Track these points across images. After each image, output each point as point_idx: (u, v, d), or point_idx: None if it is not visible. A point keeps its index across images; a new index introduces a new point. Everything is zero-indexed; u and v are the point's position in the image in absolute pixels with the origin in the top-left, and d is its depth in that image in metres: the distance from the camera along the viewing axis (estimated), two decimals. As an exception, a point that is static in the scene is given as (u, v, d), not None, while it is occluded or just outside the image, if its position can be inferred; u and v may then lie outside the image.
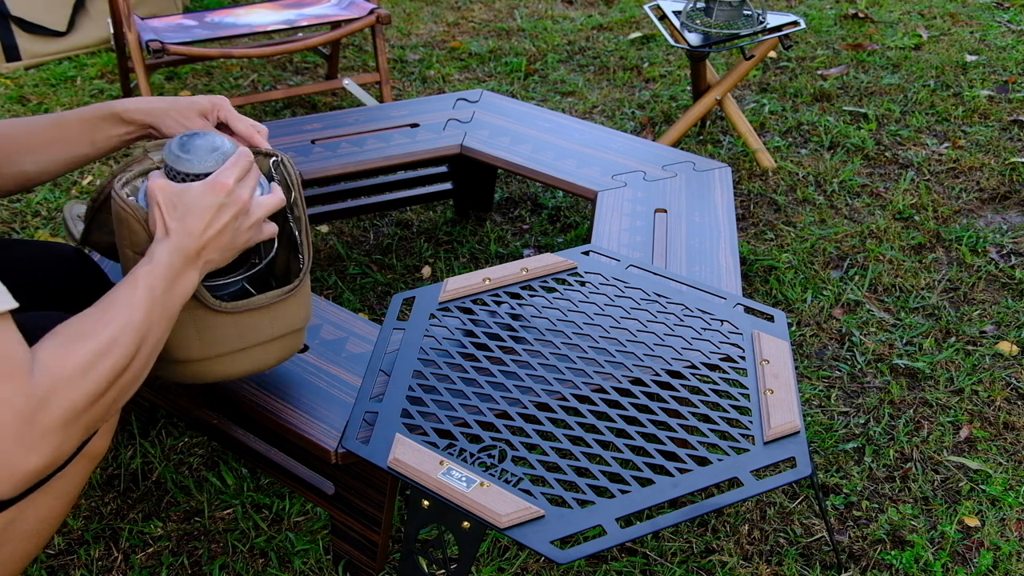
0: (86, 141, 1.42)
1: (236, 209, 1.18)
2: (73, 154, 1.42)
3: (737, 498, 1.20)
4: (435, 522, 1.24)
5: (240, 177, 1.19)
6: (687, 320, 1.55)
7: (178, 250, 1.14)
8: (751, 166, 2.73)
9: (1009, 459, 1.76)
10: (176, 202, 1.16)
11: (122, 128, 1.42)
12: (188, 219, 1.15)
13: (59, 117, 1.41)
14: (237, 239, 1.20)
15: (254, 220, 1.21)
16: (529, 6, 4.12)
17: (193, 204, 1.16)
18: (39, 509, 1.14)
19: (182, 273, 1.15)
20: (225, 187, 1.17)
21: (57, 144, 1.41)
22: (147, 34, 2.77)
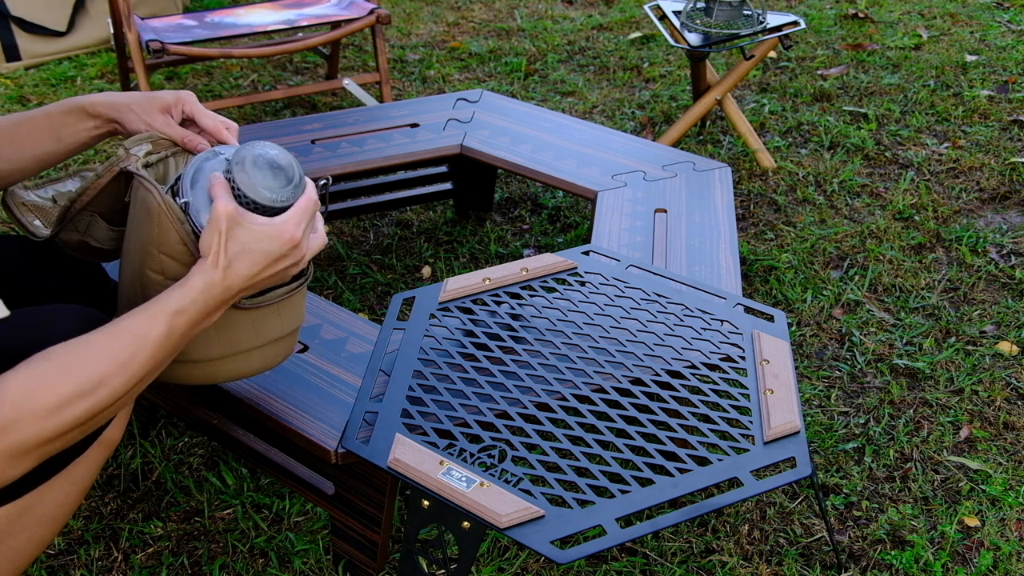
0: (52, 137, 1.37)
1: (292, 261, 1.14)
2: (41, 151, 1.37)
3: (737, 498, 1.20)
4: (435, 522, 1.24)
5: (307, 225, 1.14)
6: (687, 320, 1.55)
7: (219, 288, 1.10)
8: (751, 166, 2.73)
9: (1009, 459, 1.76)
10: (240, 236, 1.10)
11: (88, 122, 1.37)
12: (244, 259, 1.10)
13: (26, 114, 1.37)
14: (275, 281, 1.17)
15: (300, 268, 1.18)
16: (529, 6, 4.12)
17: (254, 246, 1.10)
18: (56, 495, 1.15)
19: (210, 314, 1.11)
20: (293, 239, 1.12)
21: (25, 141, 1.36)
22: (147, 34, 2.78)
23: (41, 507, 1.13)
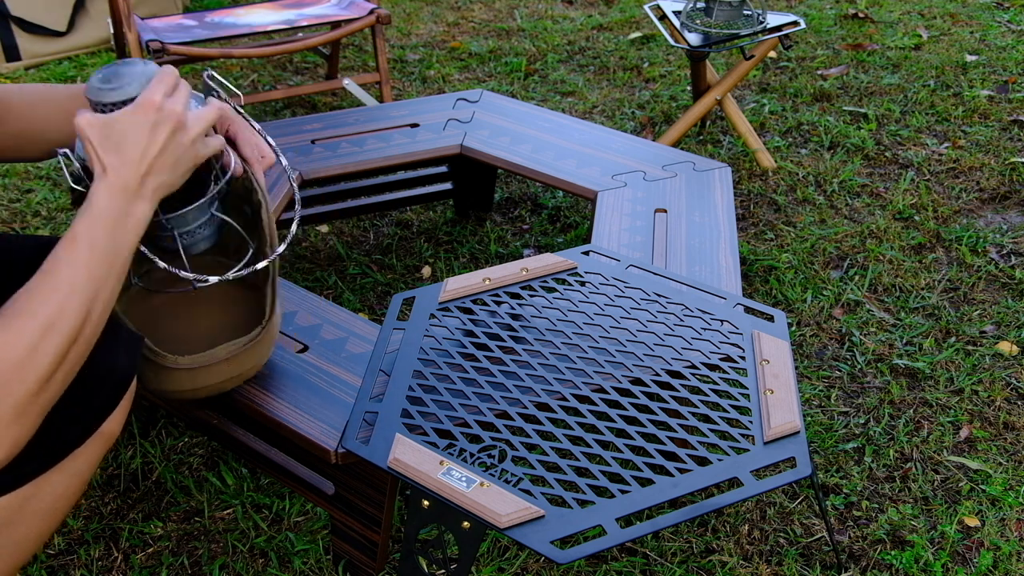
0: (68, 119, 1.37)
1: (172, 124, 1.11)
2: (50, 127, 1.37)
3: (737, 498, 1.20)
4: (435, 522, 1.24)
5: (168, 92, 1.13)
6: (687, 320, 1.55)
7: (119, 186, 1.08)
8: (751, 166, 2.73)
9: (1009, 459, 1.76)
10: (107, 133, 1.09)
11: None
12: (124, 147, 1.09)
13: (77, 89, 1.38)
14: (182, 158, 1.13)
15: (194, 134, 1.14)
16: (529, 6, 4.12)
17: (125, 130, 1.09)
18: (55, 487, 1.15)
19: (128, 211, 1.09)
20: (153, 104, 1.10)
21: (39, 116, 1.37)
22: (147, 34, 2.78)
23: (39, 499, 1.13)
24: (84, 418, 1.16)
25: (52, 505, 1.16)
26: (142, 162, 1.09)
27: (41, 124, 1.38)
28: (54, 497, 1.15)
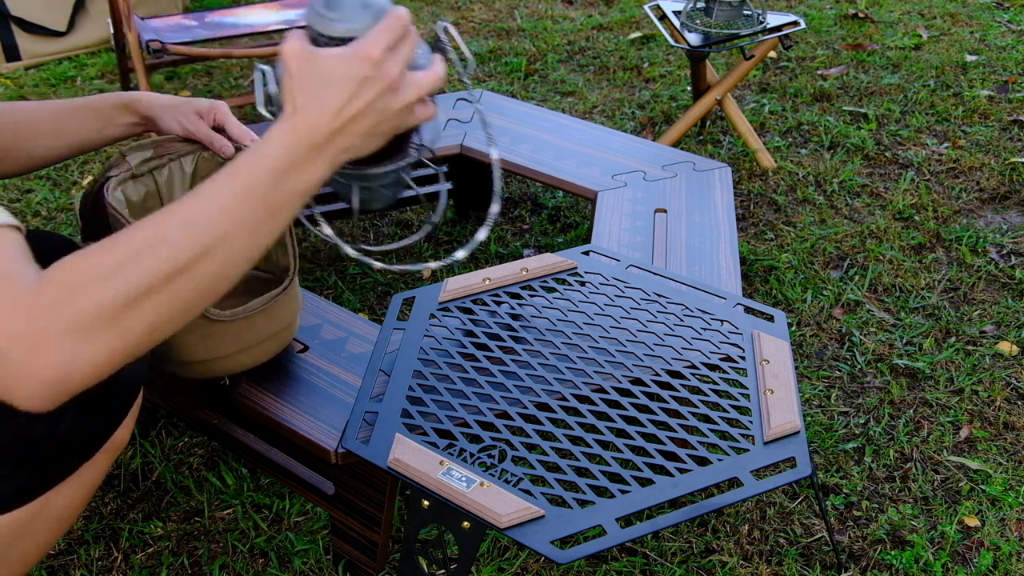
0: (94, 128, 1.43)
1: (383, 85, 0.94)
2: (80, 140, 1.43)
3: (737, 498, 1.20)
4: (435, 522, 1.24)
5: (391, 45, 0.94)
6: (687, 320, 1.55)
7: (306, 131, 0.93)
8: (751, 166, 2.73)
9: (1009, 459, 1.76)
10: (312, 70, 0.93)
11: (129, 118, 1.44)
12: (323, 94, 0.93)
13: (69, 104, 1.43)
14: (382, 124, 0.96)
15: (404, 102, 0.97)
16: (529, 6, 4.12)
17: (330, 75, 0.93)
18: (64, 499, 1.15)
19: (304, 162, 0.93)
20: (370, 58, 0.93)
21: (66, 131, 1.42)
22: (147, 34, 2.77)
23: (50, 511, 1.14)
24: (95, 429, 1.17)
25: (61, 516, 1.16)
26: (338, 116, 0.93)
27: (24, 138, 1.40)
28: (63, 508, 1.16)
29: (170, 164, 1.45)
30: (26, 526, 1.11)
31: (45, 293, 0.83)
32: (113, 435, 1.19)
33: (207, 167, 1.47)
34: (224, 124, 1.44)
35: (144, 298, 0.86)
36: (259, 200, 0.91)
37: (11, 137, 1.40)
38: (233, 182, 0.91)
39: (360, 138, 0.95)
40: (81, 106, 1.43)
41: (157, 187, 1.45)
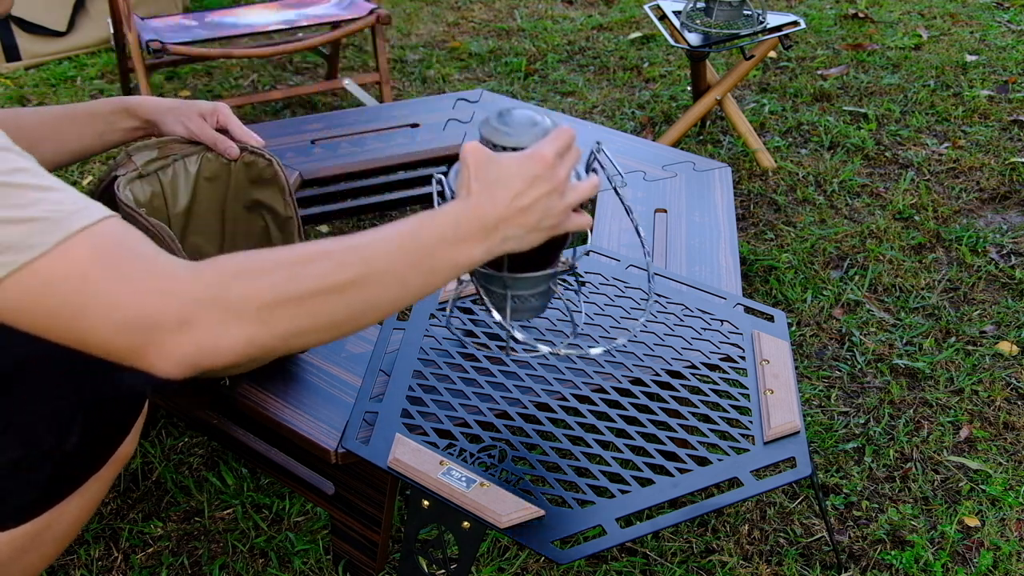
0: (94, 133, 1.43)
1: (551, 186, 1.03)
2: (81, 146, 1.43)
3: (737, 498, 1.20)
4: (435, 522, 1.24)
5: (561, 152, 1.05)
6: (687, 320, 1.55)
7: (474, 212, 1.00)
8: (751, 166, 2.73)
9: (1009, 459, 1.76)
10: (490, 166, 1.03)
11: (130, 123, 1.44)
12: (498, 185, 1.01)
13: (68, 109, 1.43)
14: (544, 220, 1.04)
15: (567, 204, 1.05)
16: (529, 6, 4.12)
17: (506, 170, 1.02)
18: (69, 512, 1.16)
19: (468, 239, 0.99)
20: (544, 159, 1.03)
21: (66, 135, 1.42)
22: (147, 34, 2.77)
23: (57, 525, 1.14)
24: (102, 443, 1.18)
25: (66, 529, 1.17)
26: (509, 206, 1.02)
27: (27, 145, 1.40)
28: (69, 523, 1.17)
29: (175, 164, 1.46)
30: (33, 539, 1.12)
31: (204, 273, 0.87)
32: (119, 448, 1.20)
33: (211, 168, 1.48)
34: (227, 125, 1.45)
35: (296, 302, 0.90)
36: (419, 257, 0.97)
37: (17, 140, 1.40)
38: (402, 233, 0.97)
39: (523, 230, 1.03)
40: (82, 112, 1.43)
41: (162, 187, 1.46)
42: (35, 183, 0.85)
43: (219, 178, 1.49)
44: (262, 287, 0.89)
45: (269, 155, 1.47)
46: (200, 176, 1.48)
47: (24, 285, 0.83)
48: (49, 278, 0.83)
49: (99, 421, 1.15)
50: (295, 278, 0.90)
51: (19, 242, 0.82)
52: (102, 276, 0.84)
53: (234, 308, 0.87)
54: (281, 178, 1.47)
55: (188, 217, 1.49)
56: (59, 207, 0.84)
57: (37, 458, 1.09)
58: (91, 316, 0.85)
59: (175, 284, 0.86)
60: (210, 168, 1.48)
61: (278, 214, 1.50)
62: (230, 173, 1.49)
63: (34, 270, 0.83)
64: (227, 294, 0.87)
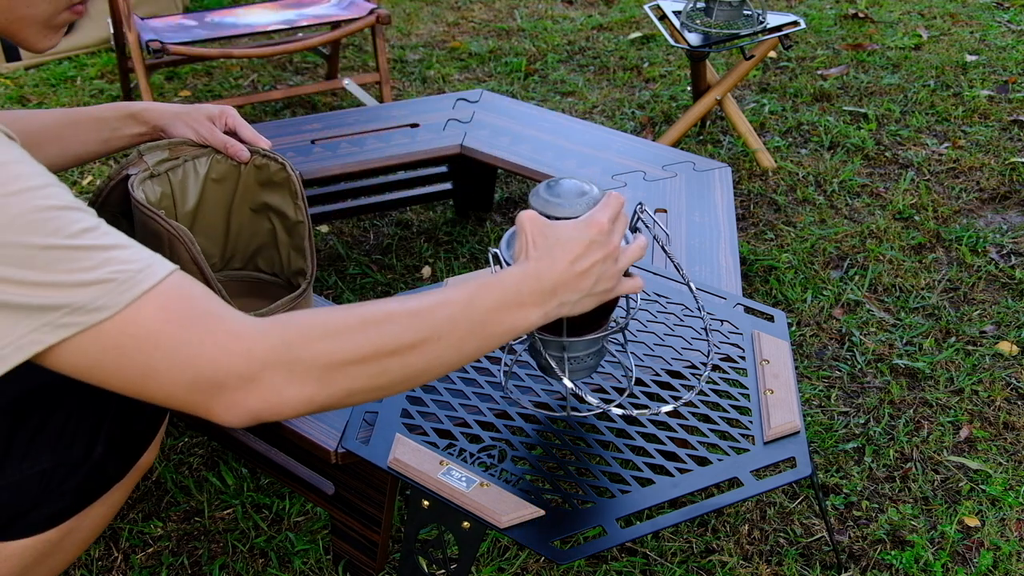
0: (99, 139, 1.43)
1: (606, 251, 1.07)
2: (84, 151, 1.42)
3: (737, 498, 1.20)
4: (435, 522, 1.24)
5: (613, 218, 1.09)
6: (687, 320, 1.55)
7: (534, 277, 1.04)
8: (751, 166, 2.73)
9: (1009, 459, 1.76)
10: (546, 232, 1.07)
11: (136, 128, 1.44)
12: (556, 250, 1.05)
13: (72, 113, 1.42)
14: (599, 284, 1.08)
15: (620, 268, 1.10)
16: (529, 6, 4.12)
17: (563, 237, 1.06)
18: (94, 519, 1.18)
19: (524, 304, 1.03)
20: (600, 225, 1.07)
21: (69, 140, 1.41)
22: (147, 34, 2.78)
23: (79, 531, 1.16)
24: (126, 453, 1.19)
25: (87, 536, 1.19)
26: (566, 270, 1.05)
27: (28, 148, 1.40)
28: (91, 529, 1.18)
29: (185, 165, 1.46)
30: (56, 545, 1.13)
31: (270, 333, 0.90)
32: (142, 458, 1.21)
33: (220, 169, 1.48)
34: (236, 128, 1.45)
35: (357, 364, 0.94)
36: (479, 323, 1.00)
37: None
38: (463, 299, 1.00)
39: (578, 295, 1.06)
40: (86, 117, 1.43)
41: (171, 187, 1.46)
42: (101, 243, 0.86)
43: (227, 180, 1.49)
44: (327, 349, 0.92)
45: (282, 159, 1.47)
46: (209, 178, 1.48)
47: (92, 345, 0.85)
48: (118, 339, 0.85)
49: (124, 432, 1.17)
50: (358, 342, 0.93)
51: (87, 303, 0.83)
52: (172, 337, 0.86)
53: (299, 369, 0.90)
54: (293, 182, 1.46)
55: (194, 218, 1.50)
56: (125, 267, 0.85)
57: (66, 469, 1.11)
58: (161, 376, 0.87)
59: (242, 343, 0.88)
60: (219, 169, 1.48)
61: (287, 218, 1.50)
62: (239, 175, 1.49)
63: (102, 331, 0.84)
64: (292, 355, 0.90)
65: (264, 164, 1.48)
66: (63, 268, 0.83)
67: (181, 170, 1.46)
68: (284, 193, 1.49)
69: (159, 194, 1.45)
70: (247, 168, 1.48)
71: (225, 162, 1.48)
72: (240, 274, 1.59)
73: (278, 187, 1.48)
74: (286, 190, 1.48)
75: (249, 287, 1.59)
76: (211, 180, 1.48)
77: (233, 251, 1.56)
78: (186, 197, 1.48)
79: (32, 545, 1.10)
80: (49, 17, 0.98)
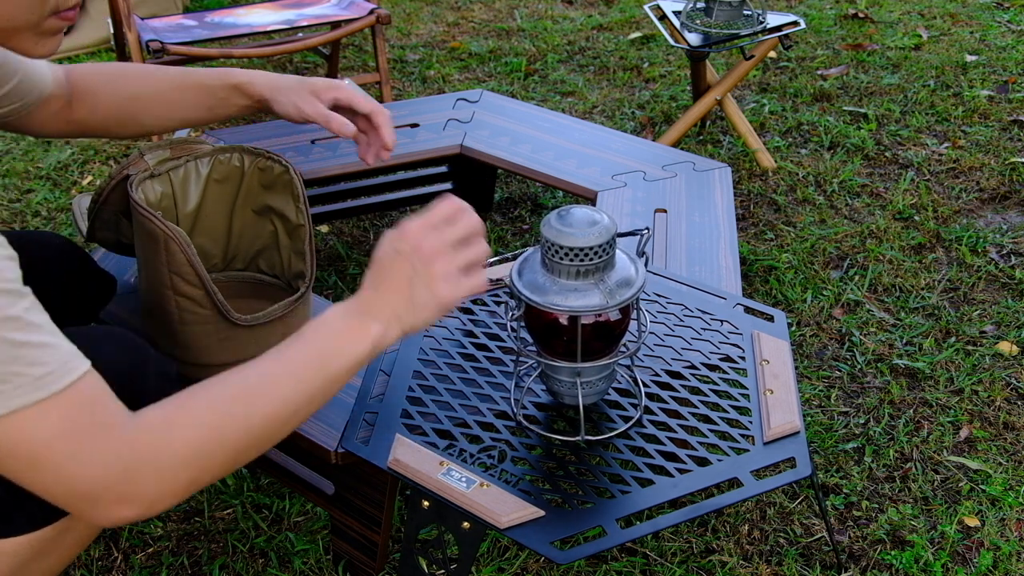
0: (204, 106, 1.46)
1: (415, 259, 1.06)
2: (187, 117, 1.47)
3: (737, 498, 1.20)
4: (435, 522, 1.24)
5: (429, 223, 1.08)
6: (687, 320, 1.55)
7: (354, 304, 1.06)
8: (751, 166, 2.73)
9: (1009, 459, 1.76)
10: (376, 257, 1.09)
11: (242, 100, 1.46)
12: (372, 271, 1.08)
13: (177, 78, 1.46)
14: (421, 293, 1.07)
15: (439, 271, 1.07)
16: (529, 6, 4.12)
17: (375, 256, 1.08)
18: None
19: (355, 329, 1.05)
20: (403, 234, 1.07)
21: (177, 106, 1.46)
22: (147, 34, 2.78)
23: (74, 531, 1.14)
24: None
25: (85, 533, 1.17)
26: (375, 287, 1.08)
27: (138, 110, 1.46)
28: (88, 528, 1.16)
29: (187, 164, 1.46)
30: (52, 542, 1.12)
31: (138, 442, 0.92)
32: None
33: (222, 170, 1.48)
34: (351, 102, 1.43)
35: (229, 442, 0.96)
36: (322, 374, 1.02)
37: (127, 106, 1.45)
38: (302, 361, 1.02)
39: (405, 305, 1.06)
40: (193, 83, 1.45)
41: (172, 187, 1.46)
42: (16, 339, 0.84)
43: (230, 181, 1.49)
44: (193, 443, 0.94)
45: (285, 161, 1.46)
46: (211, 178, 1.48)
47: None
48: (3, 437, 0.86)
49: None
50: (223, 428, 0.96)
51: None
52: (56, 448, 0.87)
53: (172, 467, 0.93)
54: (295, 185, 1.46)
55: (196, 218, 1.50)
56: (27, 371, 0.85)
57: None
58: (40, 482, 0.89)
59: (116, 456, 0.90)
60: (221, 170, 1.48)
61: (289, 220, 1.50)
62: (242, 176, 1.49)
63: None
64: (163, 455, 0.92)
65: (268, 166, 1.48)
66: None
67: (183, 170, 1.46)
68: (286, 196, 1.48)
69: (159, 194, 1.45)
70: (250, 169, 1.48)
71: (228, 162, 1.48)
72: (241, 275, 1.59)
73: (281, 189, 1.48)
74: (288, 193, 1.48)
75: (250, 288, 1.59)
76: (213, 180, 1.48)
77: (235, 252, 1.56)
78: (187, 197, 1.48)
79: (26, 543, 1.09)
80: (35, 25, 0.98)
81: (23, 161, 2.87)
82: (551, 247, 1.18)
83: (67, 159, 2.87)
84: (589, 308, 1.17)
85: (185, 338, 1.39)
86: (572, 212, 1.18)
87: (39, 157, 2.89)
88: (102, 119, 1.45)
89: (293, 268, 1.54)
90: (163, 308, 1.37)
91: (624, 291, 1.19)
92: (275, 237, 1.53)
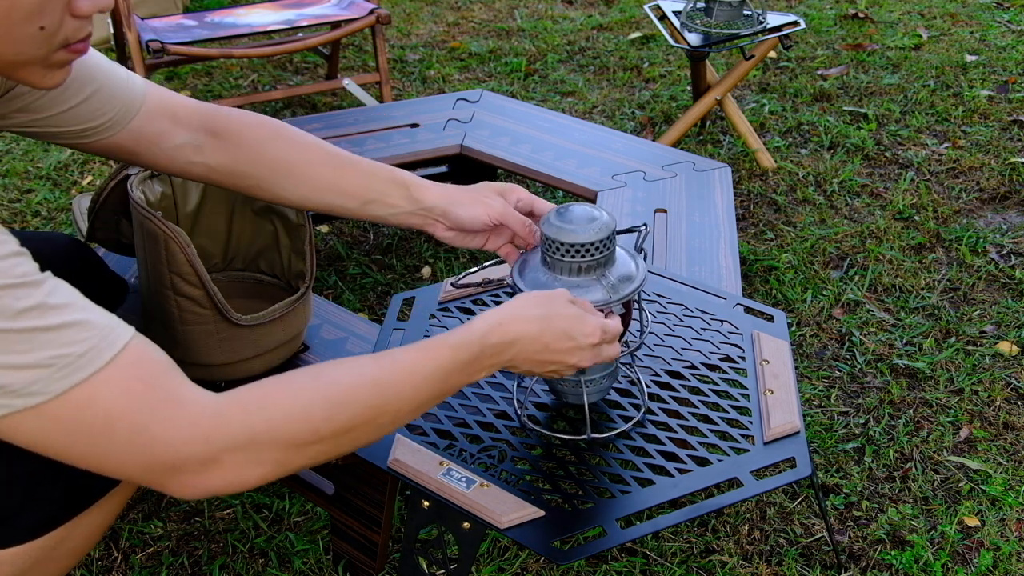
0: (359, 197, 1.27)
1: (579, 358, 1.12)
2: (337, 204, 1.28)
3: (737, 498, 1.20)
4: (435, 522, 1.24)
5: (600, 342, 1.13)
6: (687, 320, 1.54)
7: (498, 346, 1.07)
8: (751, 166, 2.73)
9: (1009, 459, 1.76)
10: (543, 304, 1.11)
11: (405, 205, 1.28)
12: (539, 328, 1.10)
13: (342, 161, 1.28)
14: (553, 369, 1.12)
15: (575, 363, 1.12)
16: (529, 6, 4.12)
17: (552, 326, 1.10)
18: (87, 528, 1.16)
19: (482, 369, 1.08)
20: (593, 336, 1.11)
21: (328, 189, 1.27)
22: (147, 34, 2.78)
23: (73, 539, 1.14)
24: None
25: (82, 544, 1.17)
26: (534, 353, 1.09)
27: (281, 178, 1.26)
28: (85, 537, 1.16)
29: None
30: (50, 552, 1.11)
31: (231, 419, 0.90)
32: None
33: None
34: (532, 205, 1.29)
35: (316, 444, 0.95)
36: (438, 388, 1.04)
37: (267, 171, 1.26)
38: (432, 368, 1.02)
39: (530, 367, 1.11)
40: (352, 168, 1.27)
41: (172, 187, 1.46)
42: (43, 324, 0.82)
43: None
44: (287, 434, 0.93)
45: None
46: None
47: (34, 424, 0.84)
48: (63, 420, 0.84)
49: None
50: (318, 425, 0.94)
51: (21, 387, 0.82)
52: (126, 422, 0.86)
53: (259, 452, 0.91)
54: None
55: (196, 218, 1.50)
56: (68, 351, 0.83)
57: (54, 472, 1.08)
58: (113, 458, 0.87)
59: (200, 430, 0.88)
60: None
61: (290, 221, 1.50)
62: None
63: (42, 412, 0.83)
64: (254, 440, 0.91)
65: None
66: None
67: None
68: None
69: (159, 194, 1.45)
70: None
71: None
72: (241, 275, 1.59)
73: None
74: None
75: (250, 288, 1.59)
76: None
77: (235, 252, 1.57)
78: (187, 197, 1.48)
79: (25, 552, 1.09)
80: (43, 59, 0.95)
81: (23, 161, 2.87)
82: (551, 244, 1.18)
83: (67, 159, 2.87)
84: (592, 303, 1.17)
85: (185, 338, 1.39)
86: (571, 209, 1.19)
87: (39, 157, 2.89)
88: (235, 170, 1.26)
89: (293, 268, 1.54)
90: (163, 308, 1.37)
91: (626, 286, 1.20)
92: (275, 237, 1.53)
